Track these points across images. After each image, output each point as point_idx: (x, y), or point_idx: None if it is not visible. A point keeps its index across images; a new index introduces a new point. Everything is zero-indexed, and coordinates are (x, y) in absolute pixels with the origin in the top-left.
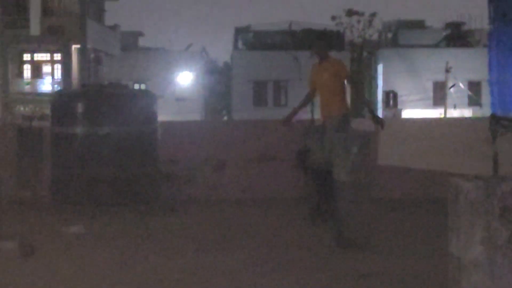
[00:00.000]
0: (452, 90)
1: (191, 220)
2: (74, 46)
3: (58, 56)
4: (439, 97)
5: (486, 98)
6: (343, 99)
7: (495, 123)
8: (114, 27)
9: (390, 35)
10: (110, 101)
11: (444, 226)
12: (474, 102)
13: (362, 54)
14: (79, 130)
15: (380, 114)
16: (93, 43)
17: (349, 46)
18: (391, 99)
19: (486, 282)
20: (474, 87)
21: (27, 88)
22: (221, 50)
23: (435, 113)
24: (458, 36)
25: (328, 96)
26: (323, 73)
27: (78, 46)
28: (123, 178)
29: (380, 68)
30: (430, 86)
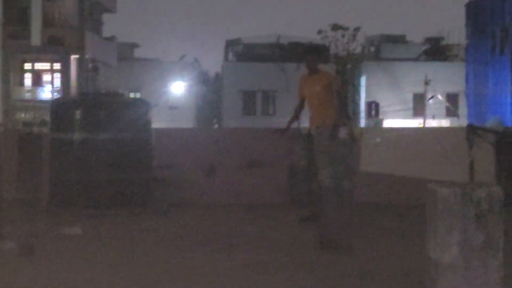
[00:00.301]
0: (431, 101)
1: (184, 223)
2: (73, 56)
3: (57, 65)
4: (419, 108)
5: (463, 109)
6: (333, 110)
7: (472, 133)
8: (111, 39)
9: (373, 49)
10: (106, 108)
11: (423, 230)
12: (451, 113)
13: (346, 67)
14: (77, 136)
15: (363, 123)
16: (91, 54)
17: (334, 59)
18: (373, 110)
19: (462, 284)
20: (452, 99)
21: (28, 95)
22: (212, 61)
23: (415, 123)
24: (437, 50)
25: (319, 107)
26: (315, 85)
27: (77, 56)
28: (119, 182)
29: (363, 80)
30: (410, 97)
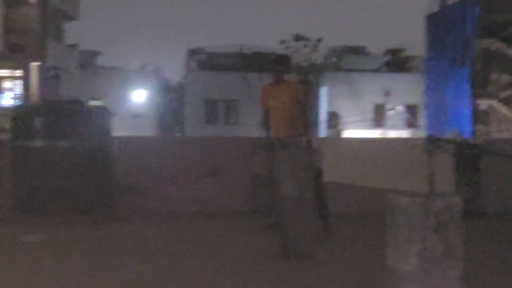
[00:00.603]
0: (391, 112)
1: (145, 230)
2: (34, 63)
3: (18, 72)
4: (379, 118)
5: (422, 120)
6: (298, 121)
7: (431, 144)
8: (73, 46)
9: (334, 60)
10: (68, 116)
11: (383, 239)
12: (411, 124)
13: (308, 77)
14: (38, 144)
15: (323, 133)
16: (52, 61)
17: (296, 69)
18: (334, 120)
19: None
20: (411, 110)
21: None
22: (175, 70)
23: (375, 133)
24: (397, 62)
25: (284, 117)
26: (281, 95)
27: (38, 63)
28: (81, 189)
29: (324, 90)
30: (370, 108)
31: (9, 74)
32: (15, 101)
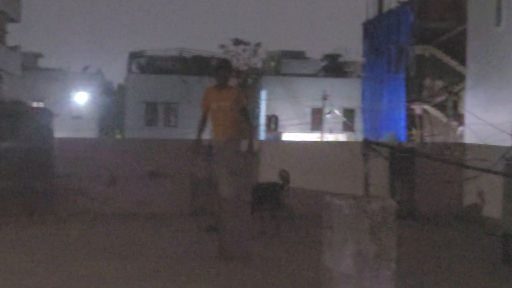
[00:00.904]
0: (328, 116)
1: (84, 231)
2: None
3: None
4: (317, 122)
5: (359, 124)
6: (238, 125)
7: (367, 147)
8: (15, 48)
9: (273, 64)
10: (9, 117)
11: (319, 240)
12: (348, 127)
13: (247, 81)
14: None
15: (262, 136)
16: None
17: (235, 73)
18: (273, 123)
19: None
20: (349, 114)
21: None
22: (116, 73)
23: (313, 136)
24: (335, 67)
25: (224, 121)
26: (223, 100)
27: None
28: (20, 190)
29: (263, 94)
30: (308, 112)
31: None
32: None
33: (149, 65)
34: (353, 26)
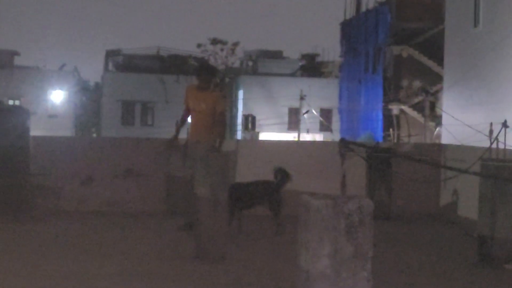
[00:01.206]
0: (305, 116)
1: (59, 230)
2: None
3: None
4: (294, 122)
5: (336, 124)
6: (214, 127)
7: (344, 147)
8: None
9: (250, 64)
10: None
11: (296, 240)
12: (325, 127)
13: (224, 80)
14: None
15: (239, 136)
16: None
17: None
18: (250, 122)
19: None
20: (326, 114)
21: None
22: (92, 71)
23: (290, 136)
24: (312, 66)
25: (202, 122)
26: (202, 102)
27: None
28: None
29: (240, 93)
30: (285, 111)
31: None
32: None
33: (125, 63)
34: (331, 26)
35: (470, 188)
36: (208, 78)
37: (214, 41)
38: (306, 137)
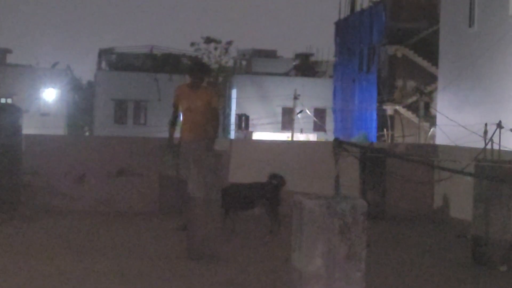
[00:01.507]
0: (299, 115)
1: (52, 229)
2: None
3: None
4: (287, 121)
5: (330, 124)
6: (208, 125)
7: (338, 147)
8: None
9: (244, 63)
10: None
11: (289, 240)
12: (319, 127)
13: (218, 79)
14: None
15: (232, 135)
16: None
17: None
18: (243, 122)
19: None
20: (319, 114)
21: None
22: (85, 69)
23: (283, 136)
24: (306, 66)
25: (195, 120)
26: (196, 100)
27: None
28: None
29: (234, 92)
30: (279, 111)
31: None
32: None
33: (118, 62)
34: (325, 25)
35: (464, 189)
36: (202, 76)
37: (208, 40)
38: (300, 137)
